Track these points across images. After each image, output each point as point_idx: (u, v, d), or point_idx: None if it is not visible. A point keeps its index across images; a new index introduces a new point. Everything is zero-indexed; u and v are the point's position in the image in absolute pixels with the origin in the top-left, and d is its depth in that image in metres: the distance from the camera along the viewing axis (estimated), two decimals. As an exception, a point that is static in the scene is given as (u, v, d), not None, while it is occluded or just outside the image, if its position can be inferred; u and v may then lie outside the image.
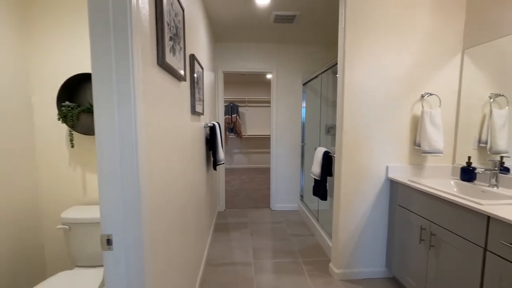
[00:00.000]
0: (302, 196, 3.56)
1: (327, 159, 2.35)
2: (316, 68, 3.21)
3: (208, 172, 2.42)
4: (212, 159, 2.38)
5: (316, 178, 2.47)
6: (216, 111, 3.40)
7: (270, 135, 3.59)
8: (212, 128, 2.28)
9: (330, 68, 2.42)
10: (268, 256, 2.33)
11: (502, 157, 1.59)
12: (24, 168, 1.53)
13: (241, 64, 3.43)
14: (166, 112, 1.12)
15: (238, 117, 6.39)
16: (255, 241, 2.64)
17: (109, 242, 0.79)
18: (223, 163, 2.65)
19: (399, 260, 1.83)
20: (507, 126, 1.58)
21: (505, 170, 1.58)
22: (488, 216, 1.17)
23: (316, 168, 2.48)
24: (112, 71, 0.75)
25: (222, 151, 2.50)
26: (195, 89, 1.71)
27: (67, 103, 1.51)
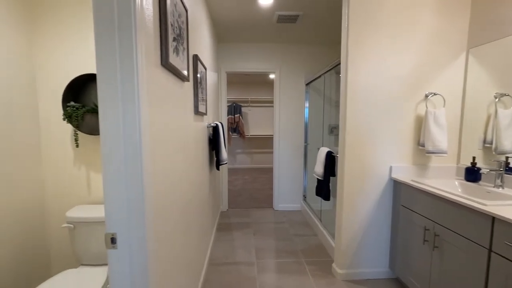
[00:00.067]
0: (305, 196, 3.55)
1: (330, 159, 2.35)
2: (319, 68, 3.21)
3: (211, 172, 2.43)
4: (215, 159, 2.39)
5: (319, 178, 2.47)
6: (219, 111, 3.41)
7: (273, 135, 3.59)
8: (215, 128, 2.29)
9: (333, 68, 2.41)
10: (271, 256, 2.34)
11: (507, 157, 1.58)
12: (30, 167, 1.55)
13: (244, 64, 3.44)
14: (169, 112, 1.13)
15: (241, 117, 6.40)
16: (257, 241, 2.64)
17: (113, 240, 0.80)
18: (226, 163, 2.66)
19: (402, 261, 1.82)
20: (512, 126, 1.56)
21: (510, 170, 1.56)
22: (493, 217, 1.16)
23: (319, 168, 2.47)
24: (116, 71, 0.76)
25: (225, 151, 2.51)
26: (198, 89, 1.72)
27: (72, 103, 1.53)
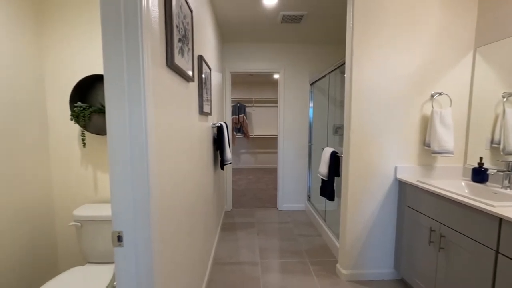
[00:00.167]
0: (309, 197, 3.54)
1: (335, 159, 2.34)
2: (323, 68, 3.20)
3: (215, 172, 2.45)
4: (219, 158, 2.40)
5: (324, 178, 2.46)
6: (223, 111, 3.42)
7: (277, 135, 3.59)
8: (220, 128, 2.30)
9: (338, 68, 2.40)
10: (275, 256, 2.34)
11: (515, 158, 1.55)
12: (38, 167, 1.58)
13: (248, 65, 3.45)
14: (175, 112, 1.14)
15: (245, 117, 6.41)
16: (262, 240, 2.65)
17: (119, 239, 0.81)
18: (230, 163, 2.67)
19: (407, 261, 1.80)
20: (521, 126, 1.54)
21: (518, 171, 1.54)
22: (501, 218, 1.14)
23: (323, 168, 2.47)
24: (123, 71, 0.77)
25: (230, 151, 2.52)
26: (203, 89, 1.73)
27: (79, 103, 1.55)
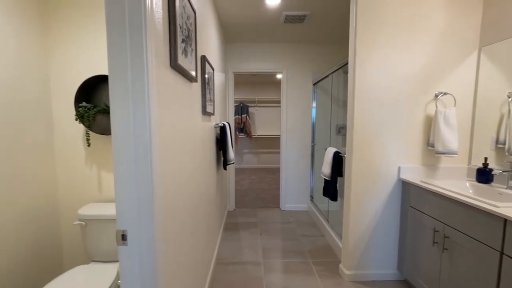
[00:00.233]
0: (312, 197, 3.54)
1: (338, 160, 2.34)
2: (326, 68, 3.19)
3: (218, 172, 2.45)
4: (222, 158, 2.41)
5: (326, 178, 2.46)
6: (226, 111, 3.43)
7: (280, 135, 3.59)
8: (223, 128, 2.31)
9: (341, 68, 2.40)
10: (278, 256, 2.34)
11: (521, 158, 1.54)
12: (43, 166, 1.60)
13: (251, 65, 3.45)
14: (178, 113, 1.15)
15: (248, 117, 6.41)
16: (264, 240, 2.65)
17: (123, 237, 0.82)
18: (233, 163, 2.68)
19: (411, 262, 1.79)
20: (526, 126, 1.52)
21: (524, 171, 1.52)
22: (505, 219, 1.13)
23: (326, 169, 2.46)
24: (127, 71, 0.78)
25: (232, 151, 2.52)
26: (206, 89, 1.74)
27: (84, 104, 1.57)
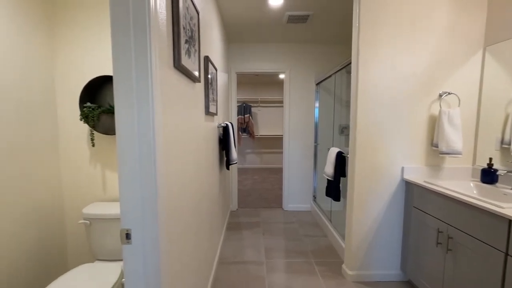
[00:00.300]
0: (315, 197, 3.53)
1: (341, 160, 2.33)
2: (329, 68, 3.18)
3: (221, 172, 2.46)
4: (225, 158, 2.42)
5: (329, 178, 2.45)
6: (229, 111, 3.44)
7: (282, 135, 3.59)
8: (225, 128, 2.32)
9: (344, 68, 2.39)
10: (280, 256, 2.34)
11: (526, 158, 1.52)
12: (48, 166, 1.62)
13: (254, 65, 3.46)
14: (181, 113, 1.16)
15: (250, 117, 6.42)
16: (267, 240, 2.65)
17: (128, 236, 0.83)
18: (236, 163, 2.68)
19: (414, 263, 1.78)
20: (532, 126, 1.51)
21: (529, 172, 1.51)
22: (510, 220, 1.12)
23: (329, 169, 2.46)
24: (132, 72, 0.78)
25: (235, 151, 2.53)
26: (209, 90, 1.75)
27: (89, 104, 1.59)
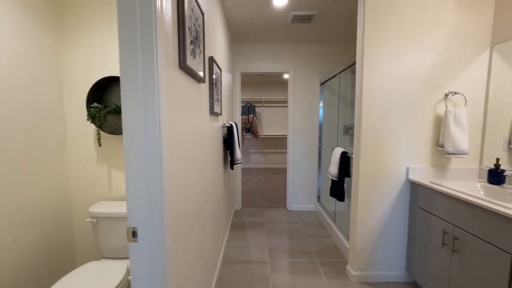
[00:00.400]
0: (319, 197, 3.52)
1: (345, 160, 2.32)
2: (334, 68, 3.17)
3: (225, 171, 2.47)
4: (229, 158, 2.43)
5: (334, 178, 2.45)
6: (233, 112, 3.45)
7: (286, 135, 3.59)
8: (230, 128, 2.33)
9: (348, 67, 2.38)
10: (284, 256, 2.34)
11: (534, 159, 1.50)
12: (56, 166, 1.65)
13: (258, 65, 3.46)
14: (186, 113, 1.17)
15: (254, 117, 6.43)
16: (271, 240, 2.65)
17: (134, 234, 0.84)
18: (240, 163, 2.69)
19: (420, 264, 1.77)
20: (540, 126, 1.48)
21: (537, 173, 1.48)
22: (517, 221, 1.11)
23: (333, 169, 2.45)
24: (138, 72, 0.80)
25: (239, 151, 2.54)
26: (213, 90, 1.76)
27: (95, 104, 1.61)
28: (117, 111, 1.61)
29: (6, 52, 1.32)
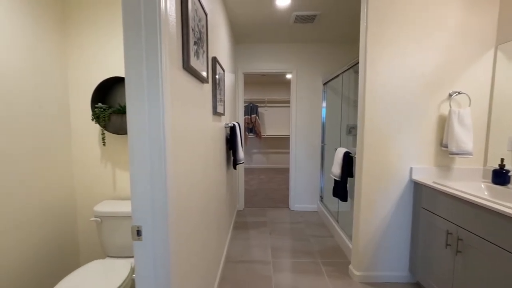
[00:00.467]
0: (321, 197, 3.52)
1: (348, 160, 2.32)
2: (336, 68, 3.17)
3: (228, 171, 2.48)
4: (232, 158, 2.44)
5: (336, 179, 2.44)
6: (236, 112, 3.46)
7: (289, 135, 3.59)
8: (232, 128, 2.33)
9: (351, 67, 2.38)
10: (287, 256, 2.34)
11: (539, 159, 1.49)
12: (62, 166, 1.67)
13: (261, 65, 3.47)
14: (190, 113, 1.18)
15: (257, 117, 6.43)
16: (273, 240, 2.66)
17: (138, 233, 0.85)
18: (243, 163, 2.70)
19: (423, 265, 1.76)
20: (545, 126, 1.47)
21: (543, 173, 1.47)
22: (522, 222, 1.10)
23: (336, 169, 2.45)
24: (143, 73, 0.81)
25: (242, 151, 2.54)
26: (216, 90, 1.76)
27: (100, 104, 1.63)
28: (121, 111, 1.63)
29: (12, 52, 1.33)
